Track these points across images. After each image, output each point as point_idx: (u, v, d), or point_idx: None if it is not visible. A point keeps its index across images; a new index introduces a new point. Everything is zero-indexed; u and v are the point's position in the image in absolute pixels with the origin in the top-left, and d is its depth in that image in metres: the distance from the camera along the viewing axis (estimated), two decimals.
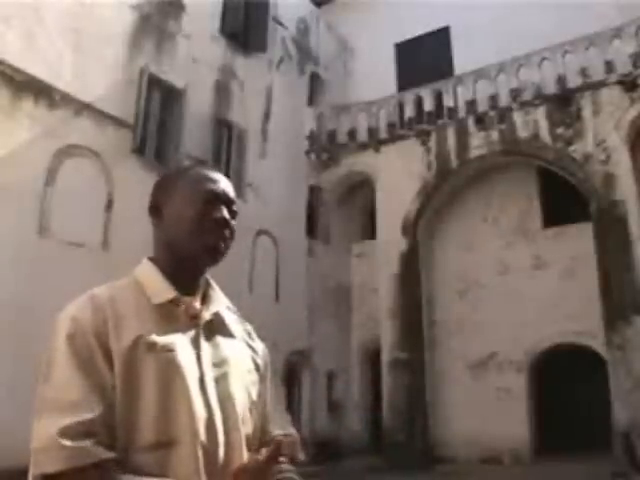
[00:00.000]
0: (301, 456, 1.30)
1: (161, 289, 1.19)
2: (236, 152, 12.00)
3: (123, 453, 1.05)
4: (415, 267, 12.69)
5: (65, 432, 0.99)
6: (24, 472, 1.06)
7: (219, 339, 1.23)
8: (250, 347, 1.32)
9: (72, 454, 0.98)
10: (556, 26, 12.42)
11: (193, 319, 1.20)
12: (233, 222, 1.25)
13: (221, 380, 1.18)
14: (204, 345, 1.19)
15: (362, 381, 13.86)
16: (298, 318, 12.57)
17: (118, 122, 9.55)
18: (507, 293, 12.30)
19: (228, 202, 1.25)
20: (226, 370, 1.20)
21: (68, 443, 0.98)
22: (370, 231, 14.29)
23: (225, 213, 1.23)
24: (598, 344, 10.81)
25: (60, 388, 1.04)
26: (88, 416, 1.01)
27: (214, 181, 1.25)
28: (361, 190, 14.56)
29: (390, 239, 12.78)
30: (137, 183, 9.41)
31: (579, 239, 11.55)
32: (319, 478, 8.33)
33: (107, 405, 1.04)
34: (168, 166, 10.09)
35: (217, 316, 1.25)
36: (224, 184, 1.27)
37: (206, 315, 1.22)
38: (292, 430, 1.33)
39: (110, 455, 1.01)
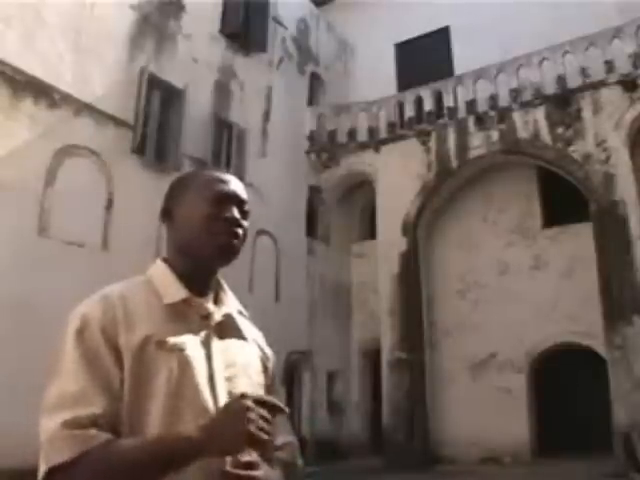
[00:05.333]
0: (300, 462, 1.33)
1: (173, 289, 1.21)
2: (236, 152, 12.00)
3: None
4: (415, 267, 12.69)
5: (68, 424, 1.00)
6: (24, 472, 1.07)
7: (230, 340, 1.25)
8: (261, 349, 1.35)
9: (76, 442, 0.99)
10: (556, 26, 12.42)
11: (204, 320, 1.21)
12: (244, 222, 1.26)
13: (231, 380, 1.19)
14: (215, 345, 1.20)
15: (362, 381, 13.86)
16: (298, 318, 12.57)
17: (118, 122, 9.54)
18: (507, 293, 12.30)
19: (239, 202, 1.26)
20: (236, 371, 1.21)
21: (73, 432, 1.00)
22: (370, 231, 14.30)
23: (235, 213, 1.24)
24: (598, 344, 10.80)
25: (66, 383, 1.05)
26: (92, 410, 1.03)
27: (224, 182, 1.27)
28: (361, 190, 14.56)
29: (390, 239, 12.78)
30: (137, 183, 9.43)
31: (579, 239, 11.55)
32: (319, 478, 8.33)
33: (112, 401, 1.06)
34: (168, 166, 10.10)
35: (228, 317, 1.27)
36: (234, 185, 1.28)
37: (217, 316, 1.23)
38: (292, 438, 1.35)
39: (113, 437, 1.02)
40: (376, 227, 13.40)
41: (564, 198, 12.05)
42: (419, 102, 13.30)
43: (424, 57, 15.21)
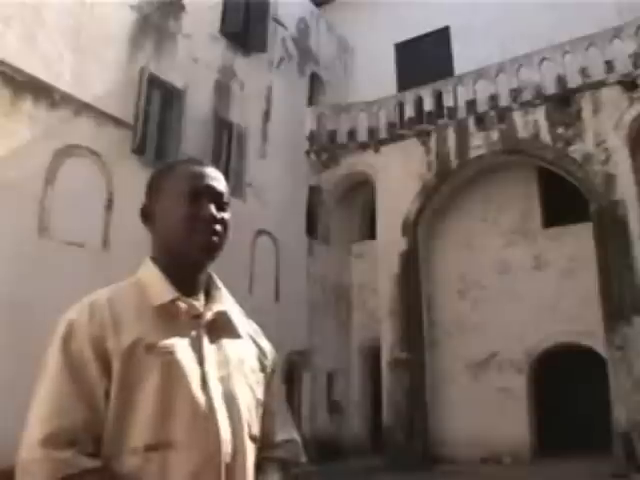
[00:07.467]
0: (303, 459, 1.31)
1: (162, 290, 1.18)
2: (236, 152, 12.00)
3: (114, 454, 1.04)
4: (415, 267, 12.68)
5: (48, 441, 0.99)
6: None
7: (223, 338, 1.22)
8: (257, 346, 1.31)
9: (54, 466, 0.98)
10: (556, 26, 12.42)
11: (195, 319, 1.19)
12: (224, 215, 1.22)
13: (225, 380, 1.17)
14: (207, 345, 1.18)
15: (362, 381, 13.86)
16: (298, 318, 12.57)
17: (118, 122, 9.54)
18: (507, 293, 12.29)
19: (215, 197, 1.23)
20: (230, 370, 1.19)
21: (50, 454, 0.98)
22: (370, 231, 14.29)
23: (212, 210, 1.21)
24: (598, 344, 10.80)
25: (47, 394, 1.04)
26: (72, 424, 1.01)
27: (199, 177, 1.23)
28: (361, 190, 14.55)
29: (390, 239, 12.78)
30: (137, 183, 9.34)
31: (579, 239, 11.55)
32: (319, 478, 8.33)
33: (94, 411, 1.04)
34: None
35: (221, 315, 1.24)
36: (210, 178, 1.24)
37: (208, 315, 1.21)
38: (295, 435, 1.33)
39: (93, 464, 1.01)
40: (376, 227, 13.39)
41: (564, 198, 12.05)
42: (419, 102, 13.30)
43: (424, 57, 15.20)
